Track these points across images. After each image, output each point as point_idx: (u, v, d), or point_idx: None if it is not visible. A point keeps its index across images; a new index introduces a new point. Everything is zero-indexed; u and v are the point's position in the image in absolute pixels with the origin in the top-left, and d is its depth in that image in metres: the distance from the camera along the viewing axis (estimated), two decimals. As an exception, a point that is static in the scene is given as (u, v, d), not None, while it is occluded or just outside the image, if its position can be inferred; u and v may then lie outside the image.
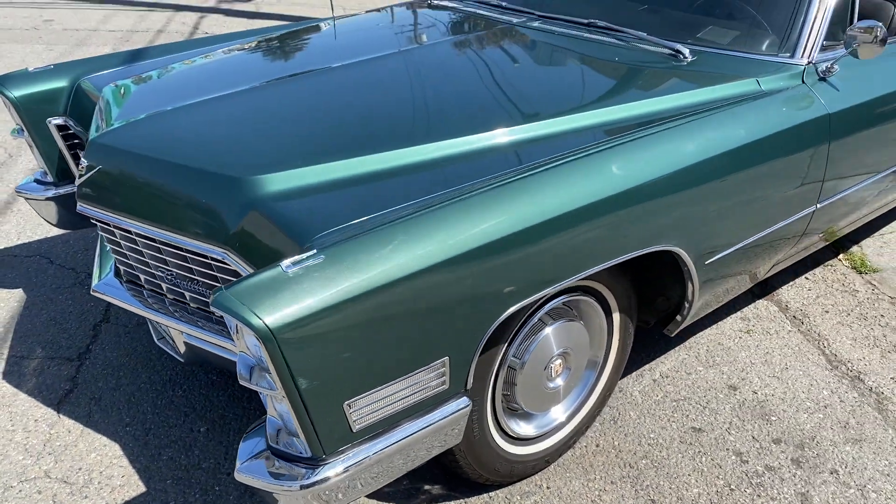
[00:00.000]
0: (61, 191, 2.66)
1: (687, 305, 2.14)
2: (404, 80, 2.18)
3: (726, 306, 2.94)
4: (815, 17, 2.30)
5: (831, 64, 2.29)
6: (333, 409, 1.42)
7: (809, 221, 2.36)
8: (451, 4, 2.99)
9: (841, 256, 3.33)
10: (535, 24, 2.65)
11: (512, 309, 1.61)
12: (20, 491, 2.02)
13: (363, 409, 1.47)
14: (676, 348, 2.71)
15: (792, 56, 2.29)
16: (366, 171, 1.72)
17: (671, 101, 2.07)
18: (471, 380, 1.63)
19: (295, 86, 2.16)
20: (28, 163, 4.13)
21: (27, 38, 6.87)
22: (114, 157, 1.89)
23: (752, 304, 2.98)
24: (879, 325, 2.86)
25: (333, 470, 1.46)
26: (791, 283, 3.13)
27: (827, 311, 2.94)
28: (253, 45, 2.64)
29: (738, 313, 2.92)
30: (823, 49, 2.32)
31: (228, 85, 2.16)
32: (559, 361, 1.99)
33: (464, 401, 1.65)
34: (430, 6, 3.02)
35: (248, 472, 1.48)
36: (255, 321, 1.27)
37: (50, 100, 2.53)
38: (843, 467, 2.19)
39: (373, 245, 1.42)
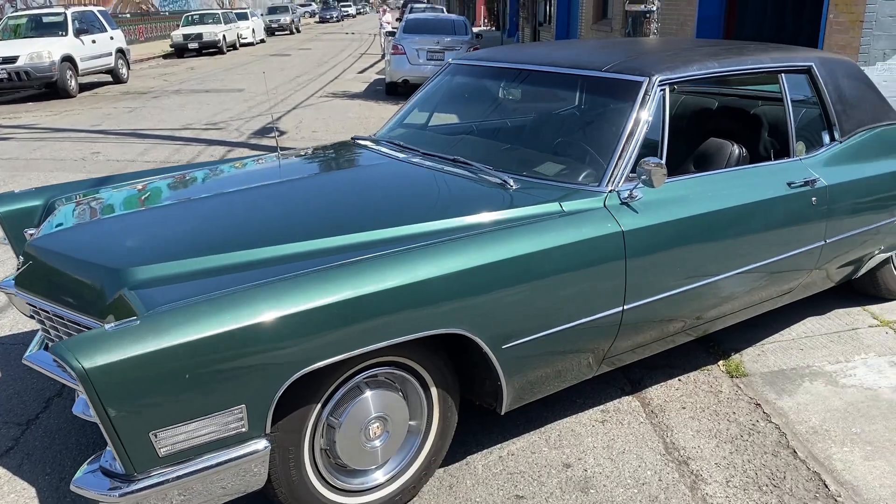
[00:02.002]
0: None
1: (501, 385, 2.58)
2: (278, 202, 2.80)
3: (589, 399, 3.33)
4: (620, 155, 2.85)
5: (631, 191, 2.80)
6: (141, 436, 1.92)
7: (621, 319, 2.80)
8: (364, 143, 3.64)
9: (720, 363, 3.70)
10: (416, 158, 3.26)
11: (301, 373, 2.10)
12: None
13: (168, 439, 1.96)
14: (531, 432, 3.10)
15: (599, 185, 2.82)
16: (213, 266, 2.29)
17: (483, 218, 2.61)
18: (268, 426, 2.11)
19: (192, 205, 2.80)
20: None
21: (74, 167, 7.91)
22: (39, 256, 2.52)
23: (618, 399, 3.36)
24: (728, 420, 3.20)
25: (139, 485, 1.94)
26: (663, 382, 3.50)
27: (684, 407, 3.30)
28: (181, 176, 3.33)
29: (601, 406, 3.30)
30: (630, 179, 2.84)
31: (146, 203, 2.81)
32: (377, 425, 2.44)
33: (262, 443, 2.12)
34: (353, 146, 3.69)
35: (80, 483, 1.97)
36: (75, 364, 1.81)
37: (28, 215, 3.22)
38: (633, 531, 2.52)
39: (180, 314, 1.97)
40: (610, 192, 2.80)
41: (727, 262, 3.07)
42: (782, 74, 3.40)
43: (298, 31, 41.48)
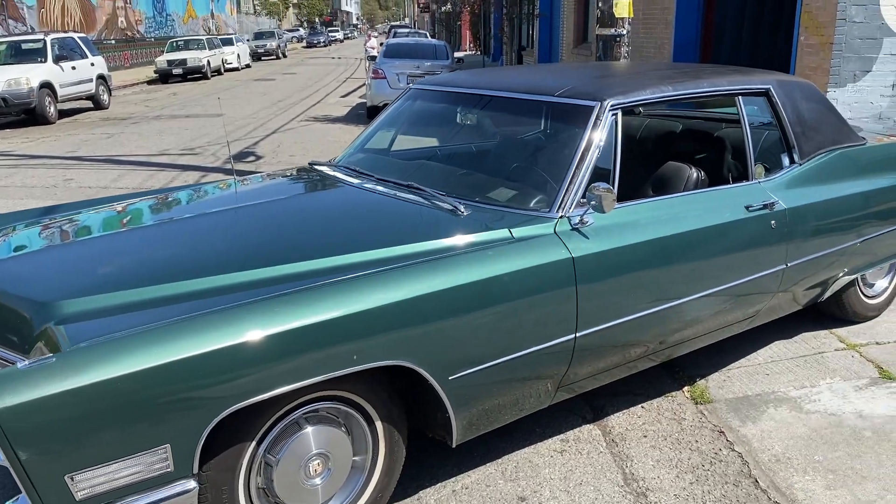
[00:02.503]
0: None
1: (449, 418, 2.50)
2: (220, 231, 2.73)
3: (549, 427, 3.26)
4: (570, 181, 2.80)
5: (582, 217, 2.75)
6: (55, 479, 1.83)
7: (574, 346, 2.74)
8: (319, 169, 3.59)
9: (685, 388, 3.64)
10: (370, 184, 3.20)
11: (231, 410, 2.02)
12: None
13: (87, 482, 1.88)
14: (487, 463, 3.02)
15: (549, 210, 2.77)
16: (145, 298, 2.22)
17: (430, 245, 2.55)
18: (195, 465, 2.03)
19: (129, 235, 2.73)
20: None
21: (44, 194, 7.82)
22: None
23: (578, 428, 3.29)
24: (690, 448, 3.13)
25: (55, 531, 1.85)
26: (626, 409, 3.43)
27: (646, 436, 3.22)
28: (123, 205, 3.26)
29: (561, 435, 3.23)
30: (581, 205, 2.79)
31: (83, 233, 2.74)
32: (318, 462, 2.36)
33: (191, 484, 2.04)
34: (309, 171, 3.63)
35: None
36: None
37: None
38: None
39: (97, 351, 1.89)
40: (560, 217, 2.75)
41: (684, 286, 3.02)
42: (739, 97, 3.38)
43: (285, 56, 41.65)
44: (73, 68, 14.97)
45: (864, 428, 3.19)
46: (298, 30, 77.55)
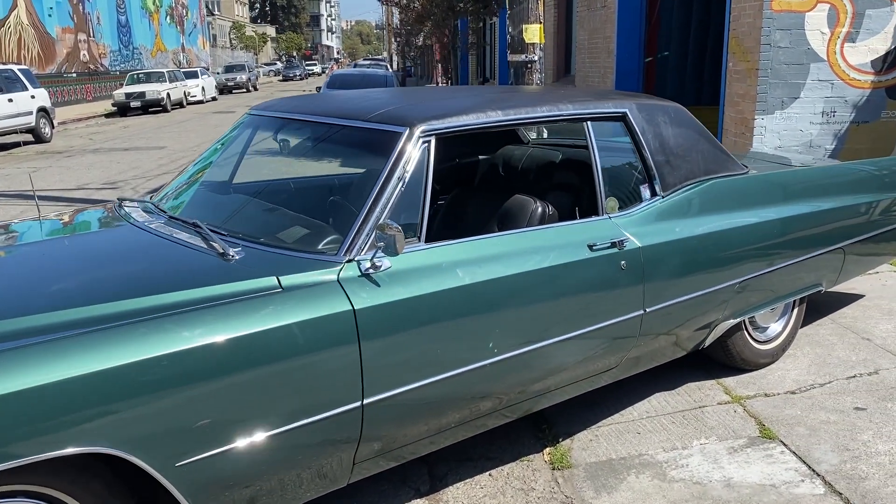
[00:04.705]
0: None
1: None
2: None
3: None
4: (364, 219, 2.39)
5: (373, 260, 2.34)
6: None
7: (362, 416, 2.31)
8: (122, 205, 3.17)
9: (546, 450, 3.20)
10: (155, 224, 2.76)
11: None
12: None
13: None
14: (280, 553, 2.56)
15: (337, 254, 2.35)
16: None
17: (169, 298, 2.11)
18: None
19: None
20: None
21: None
22: None
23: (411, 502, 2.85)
24: (528, 525, 2.70)
25: None
26: (469, 479, 3.00)
27: (482, 511, 2.79)
28: None
29: (384, 514, 2.78)
30: (375, 247, 2.37)
31: None
32: (5, 571, 1.90)
33: None
34: (111, 207, 3.21)
35: None
36: None
37: None
38: None
39: None
40: (348, 262, 2.34)
41: (508, 339, 2.60)
42: (588, 122, 3.00)
43: (256, 89, 41.39)
44: (10, 101, 14.51)
45: (730, 501, 2.76)
46: (276, 63, 77.66)
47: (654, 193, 3.12)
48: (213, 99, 31.49)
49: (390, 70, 21.41)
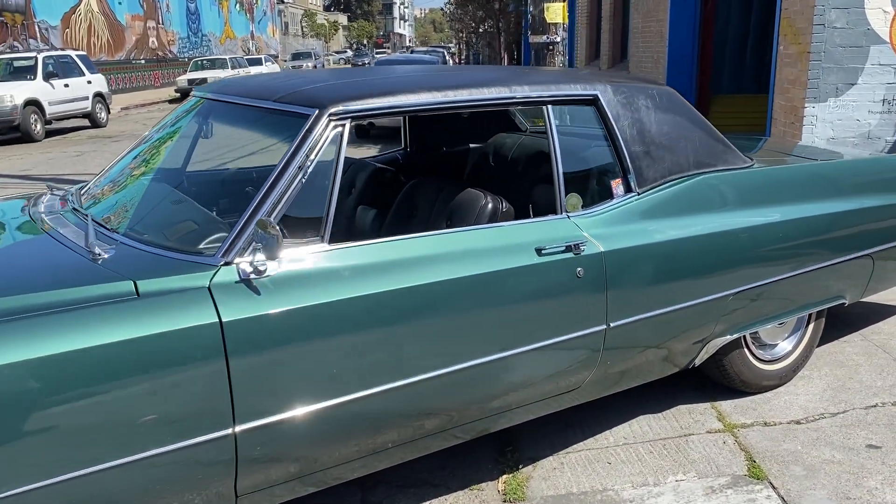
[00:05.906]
0: None
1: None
2: None
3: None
4: (251, 216, 2.06)
5: (253, 263, 2.01)
6: None
7: (236, 446, 1.98)
8: (54, 193, 2.95)
9: (503, 478, 2.83)
10: (67, 216, 2.52)
11: None
12: None
13: None
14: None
15: (214, 255, 2.03)
16: None
17: (19, 301, 1.84)
18: None
19: None
20: None
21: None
22: None
23: (327, 535, 2.53)
24: (455, 571, 2.34)
25: None
26: (409, 510, 2.66)
27: (408, 550, 2.44)
28: None
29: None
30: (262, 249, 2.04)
31: None
32: None
33: None
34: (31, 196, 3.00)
35: None
36: None
37: None
38: None
39: None
40: (225, 265, 2.01)
41: (427, 356, 2.24)
42: (548, 106, 2.59)
43: (321, 76, 41.68)
44: (66, 86, 14.78)
45: (692, 554, 2.34)
46: (346, 51, 78.32)
47: (628, 189, 2.69)
48: (277, 85, 31.77)
49: (447, 57, 21.02)
